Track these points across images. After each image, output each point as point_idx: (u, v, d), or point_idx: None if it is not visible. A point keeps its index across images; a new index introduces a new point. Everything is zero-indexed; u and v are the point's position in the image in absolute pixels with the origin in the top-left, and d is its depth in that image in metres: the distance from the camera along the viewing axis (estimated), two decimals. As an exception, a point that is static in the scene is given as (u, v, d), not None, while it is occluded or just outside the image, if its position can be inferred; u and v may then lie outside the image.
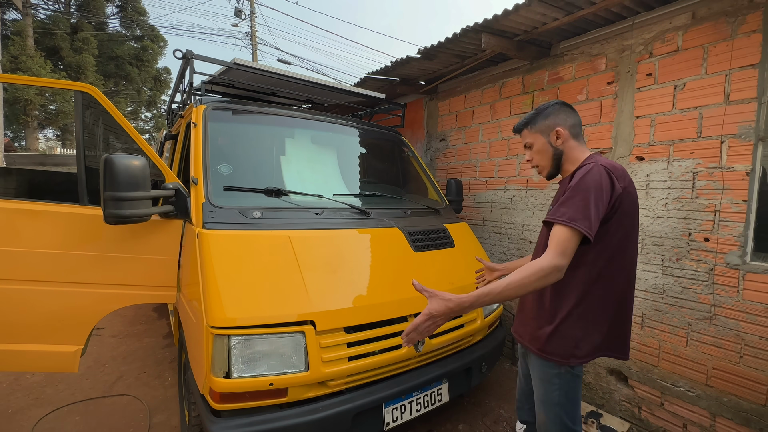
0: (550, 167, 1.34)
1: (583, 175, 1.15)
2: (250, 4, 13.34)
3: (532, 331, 1.33)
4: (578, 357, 1.23)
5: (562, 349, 1.24)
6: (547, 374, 1.28)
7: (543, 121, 1.33)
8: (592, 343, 1.24)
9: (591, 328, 1.24)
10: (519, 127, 1.40)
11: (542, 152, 1.33)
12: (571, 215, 1.09)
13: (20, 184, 2.64)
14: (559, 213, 1.12)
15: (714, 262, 1.91)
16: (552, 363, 1.26)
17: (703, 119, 1.94)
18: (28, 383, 2.57)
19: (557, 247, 1.07)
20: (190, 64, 2.17)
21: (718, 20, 1.88)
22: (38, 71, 11.94)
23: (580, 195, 1.11)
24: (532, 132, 1.35)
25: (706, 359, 1.94)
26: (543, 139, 1.33)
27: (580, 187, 1.12)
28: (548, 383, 1.28)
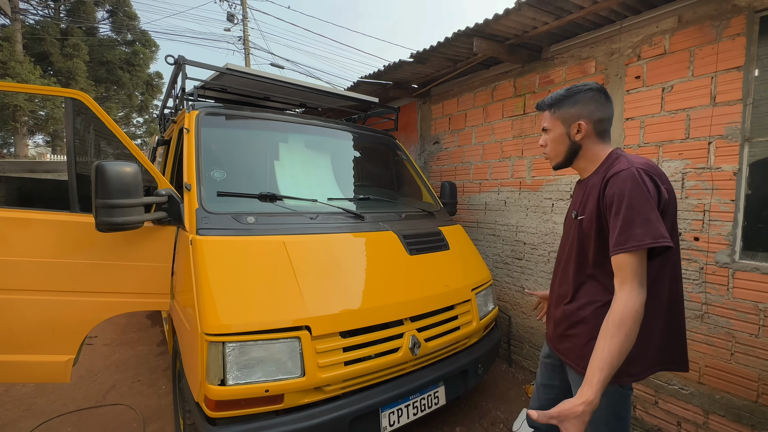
0: (561, 159, 1.22)
1: (632, 182, 1.01)
2: (243, 8, 13.33)
3: (575, 348, 1.17)
4: (632, 375, 1.09)
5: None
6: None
7: (568, 108, 1.18)
8: (648, 358, 1.11)
9: (645, 341, 1.08)
10: (542, 106, 1.25)
11: (558, 142, 1.21)
12: (639, 235, 0.97)
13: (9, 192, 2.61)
14: (627, 240, 0.98)
15: (704, 261, 1.94)
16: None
17: (690, 121, 1.98)
18: (18, 394, 2.52)
19: (631, 279, 0.97)
20: (183, 69, 2.16)
21: (704, 24, 1.92)
22: (27, 77, 11.80)
23: (636, 207, 0.99)
24: (553, 116, 1.21)
25: (699, 357, 1.97)
26: (562, 128, 1.19)
27: (637, 199, 0.99)
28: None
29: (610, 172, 1.08)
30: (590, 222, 1.12)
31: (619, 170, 1.05)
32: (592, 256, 1.13)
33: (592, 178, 1.17)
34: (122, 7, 16.10)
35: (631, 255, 0.98)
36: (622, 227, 0.99)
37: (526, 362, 2.96)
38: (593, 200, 1.11)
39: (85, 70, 14.22)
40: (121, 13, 16.12)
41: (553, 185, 2.69)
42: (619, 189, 1.02)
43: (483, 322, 2.13)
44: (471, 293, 2.09)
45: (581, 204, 1.18)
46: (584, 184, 1.21)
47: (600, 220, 1.09)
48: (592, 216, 1.11)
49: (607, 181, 1.07)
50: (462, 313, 2.03)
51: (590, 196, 1.13)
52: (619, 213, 1.01)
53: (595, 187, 1.12)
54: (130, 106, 17.26)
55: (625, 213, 1.00)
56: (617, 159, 1.12)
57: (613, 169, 1.08)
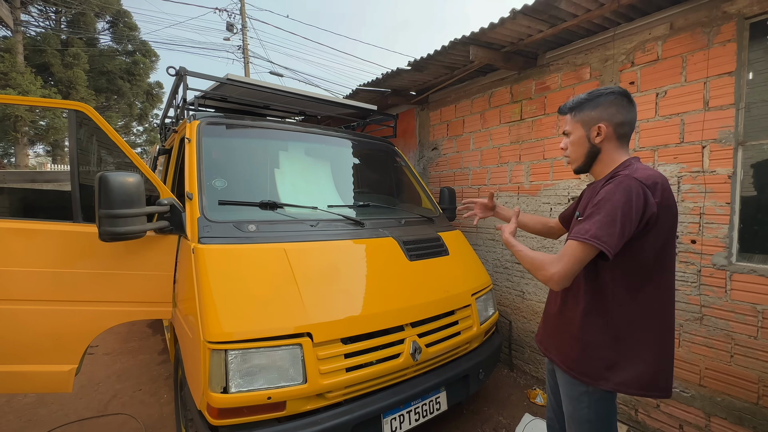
0: (581, 163, 1.23)
1: (613, 190, 1.05)
2: (242, 18, 13.48)
3: (559, 345, 1.25)
4: (613, 382, 1.12)
5: (592, 369, 1.15)
6: (576, 392, 1.20)
7: (589, 111, 1.19)
8: (634, 372, 1.11)
9: (629, 352, 1.11)
10: (564, 110, 1.27)
11: (578, 145, 1.22)
12: (594, 233, 1.03)
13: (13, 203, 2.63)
14: (582, 230, 1.05)
15: (701, 264, 1.95)
16: (578, 382, 1.18)
17: (684, 125, 2.01)
18: (20, 404, 2.52)
19: (568, 262, 1.06)
20: (184, 80, 2.19)
21: (695, 31, 1.96)
22: (28, 87, 11.89)
23: (604, 211, 1.04)
24: (574, 119, 1.22)
25: (699, 359, 1.97)
26: (582, 131, 1.20)
27: (608, 204, 1.04)
28: (576, 401, 1.20)
29: (612, 176, 1.13)
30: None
31: (617, 175, 1.11)
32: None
33: (601, 182, 1.19)
34: (123, 18, 16.27)
35: (576, 242, 1.07)
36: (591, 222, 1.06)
37: (528, 367, 2.96)
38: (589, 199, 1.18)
39: (86, 80, 14.34)
40: (122, 24, 16.29)
41: (551, 190, 2.71)
42: (606, 192, 1.07)
43: (483, 327, 2.13)
44: (471, 298, 2.10)
45: (586, 205, 1.20)
46: (593, 188, 1.23)
47: None
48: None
49: (604, 183, 1.12)
50: (462, 318, 2.04)
51: (590, 196, 1.19)
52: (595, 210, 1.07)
53: (595, 188, 1.19)
54: (130, 115, 17.37)
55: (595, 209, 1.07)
56: (627, 166, 1.13)
57: (617, 174, 1.12)
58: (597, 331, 1.15)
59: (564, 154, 1.28)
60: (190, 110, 2.27)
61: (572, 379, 1.20)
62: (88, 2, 14.78)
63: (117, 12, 16.12)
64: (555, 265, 1.08)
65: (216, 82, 2.37)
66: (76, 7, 14.66)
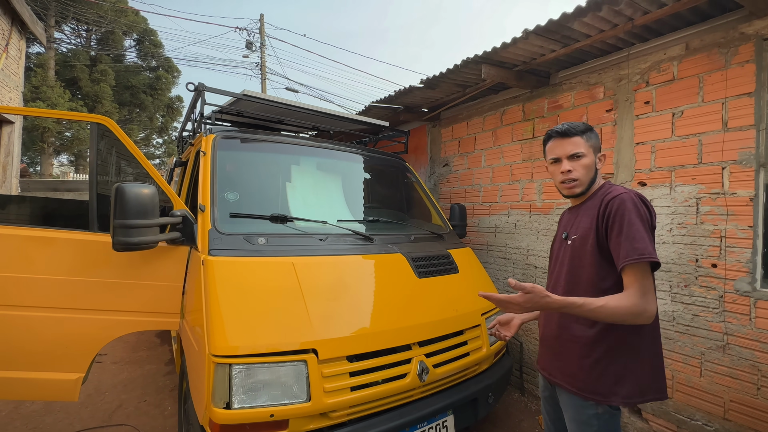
0: (587, 186, 1.26)
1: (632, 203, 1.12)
2: (261, 37, 13.97)
3: (564, 367, 1.23)
4: (621, 396, 1.13)
5: (603, 387, 1.14)
6: (585, 415, 1.18)
7: (595, 139, 1.27)
8: (636, 381, 1.14)
9: (632, 363, 1.15)
10: (574, 132, 1.25)
11: (588, 168, 1.24)
12: (642, 249, 1.06)
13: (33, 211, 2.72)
14: (639, 251, 1.06)
15: (723, 289, 1.87)
16: (590, 402, 1.16)
17: (702, 146, 1.96)
18: (27, 411, 2.53)
19: (649, 289, 1.07)
20: (202, 95, 2.26)
21: (711, 51, 1.94)
22: (57, 100, 12.46)
23: (642, 225, 1.10)
24: (588, 144, 1.25)
25: (722, 391, 1.87)
26: (593, 156, 1.25)
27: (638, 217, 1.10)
28: (586, 425, 1.18)
29: (608, 196, 1.18)
30: (584, 240, 1.20)
31: (618, 193, 1.17)
32: (587, 274, 1.19)
33: (586, 203, 1.27)
34: (149, 36, 17.05)
35: (638, 266, 1.07)
36: (626, 242, 1.09)
37: (539, 391, 2.85)
38: (588, 220, 1.21)
39: (111, 94, 14.97)
40: (147, 42, 17.06)
41: (563, 209, 2.66)
42: (619, 209, 1.12)
43: (493, 349, 2.07)
44: (481, 318, 2.05)
45: (572, 226, 1.28)
46: (576, 210, 1.31)
47: (597, 237, 1.17)
48: (587, 233, 1.20)
49: (606, 203, 1.17)
50: (472, 339, 1.99)
51: (584, 218, 1.24)
52: (622, 230, 1.10)
53: (591, 209, 1.22)
54: (151, 127, 17.98)
55: (627, 230, 1.10)
56: (612, 187, 1.24)
57: (611, 193, 1.19)
58: (607, 347, 1.16)
59: (570, 177, 1.25)
60: (207, 124, 2.33)
61: (582, 401, 1.18)
62: (117, 21, 15.57)
63: (143, 30, 16.92)
64: (650, 301, 1.07)
65: (233, 97, 2.43)
66: (106, 25, 15.45)
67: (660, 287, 2.12)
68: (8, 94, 5.38)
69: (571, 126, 1.26)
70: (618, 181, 2.34)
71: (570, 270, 1.24)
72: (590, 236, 1.18)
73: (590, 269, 1.18)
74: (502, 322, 1.45)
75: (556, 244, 1.38)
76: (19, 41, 5.66)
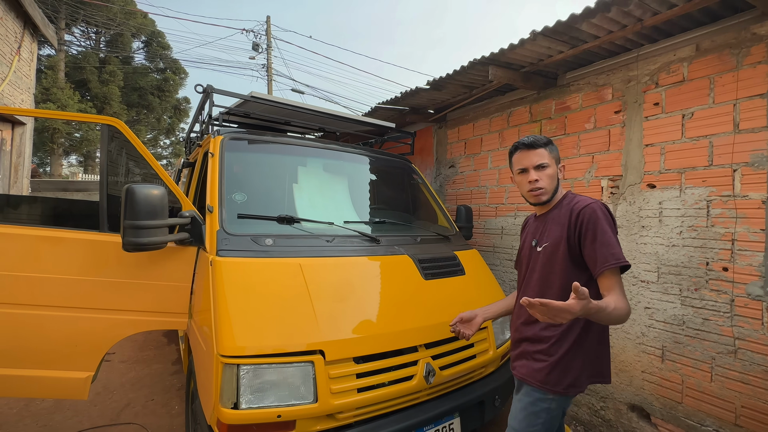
0: (551, 194, 1.37)
1: (602, 212, 1.25)
2: (267, 38, 14.05)
3: (532, 364, 1.32)
4: (576, 386, 1.27)
5: (565, 379, 1.27)
6: (537, 406, 1.29)
7: (557, 152, 1.40)
8: (589, 371, 1.30)
9: (588, 356, 1.29)
10: (540, 144, 1.35)
11: (552, 178, 1.36)
12: (617, 253, 1.19)
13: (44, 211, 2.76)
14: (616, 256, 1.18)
15: (734, 293, 1.85)
16: (549, 396, 1.27)
17: (713, 147, 1.94)
18: (37, 409, 2.56)
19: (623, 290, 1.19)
20: (210, 97, 2.28)
21: (722, 52, 1.92)
22: (67, 102, 12.64)
23: (612, 233, 1.23)
24: (551, 155, 1.36)
25: (734, 396, 1.84)
26: (555, 167, 1.38)
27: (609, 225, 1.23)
28: (533, 415, 1.29)
29: (577, 206, 1.29)
30: (555, 247, 1.29)
31: (588, 203, 1.28)
32: (558, 280, 1.28)
33: (552, 212, 1.38)
34: (157, 38, 17.24)
35: (616, 270, 1.19)
36: (603, 248, 1.19)
37: (546, 395, 2.83)
38: (558, 228, 1.30)
39: (119, 96, 15.15)
40: (156, 44, 17.25)
41: (571, 211, 2.65)
42: (591, 218, 1.23)
43: (500, 351, 2.06)
44: (487, 320, 2.04)
45: (541, 234, 1.37)
46: (542, 219, 1.40)
47: (569, 245, 1.27)
48: (558, 241, 1.29)
49: (578, 212, 1.26)
50: (478, 341, 1.98)
51: (553, 226, 1.33)
52: (596, 238, 1.21)
53: (559, 218, 1.32)
54: (158, 128, 18.17)
55: (601, 237, 1.21)
56: (576, 196, 1.35)
57: (579, 203, 1.30)
58: (569, 344, 1.27)
59: (537, 186, 1.35)
60: (215, 126, 2.35)
61: (542, 394, 1.28)
62: (126, 23, 15.76)
63: (152, 33, 17.12)
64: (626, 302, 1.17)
65: (240, 99, 2.45)
66: (115, 28, 15.66)
67: (669, 290, 2.09)
68: (20, 96, 5.47)
69: (536, 139, 1.37)
70: (626, 183, 2.32)
71: (541, 276, 1.33)
72: (562, 244, 1.27)
73: (562, 275, 1.27)
74: (464, 319, 1.55)
75: (525, 251, 1.46)
76: (30, 44, 5.75)
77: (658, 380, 2.13)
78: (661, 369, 2.13)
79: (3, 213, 2.43)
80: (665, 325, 2.11)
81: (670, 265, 2.10)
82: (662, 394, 2.12)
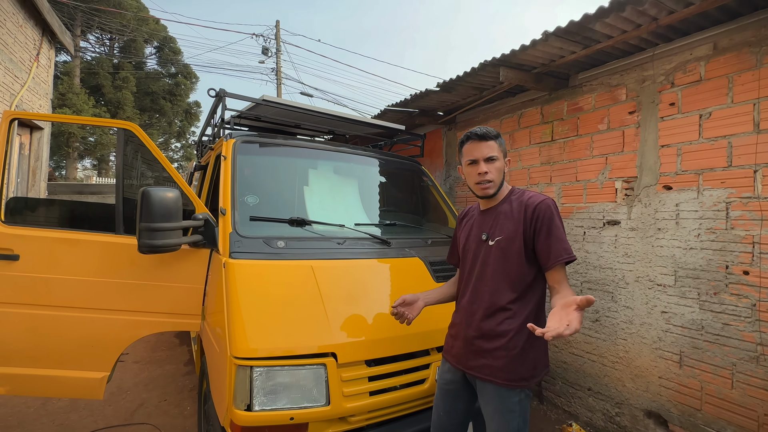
0: (498, 188, 1.38)
1: (555, 209, 1.30)
2: (276, 42, 14.20)
3: (492, 363, 1.30)
4: (536, 377, 1.32)
5: (526, 372, 1.29)
6: (510, 403, 1.28)
7: (504, 146, 1.41)
8: (542, 362, 1.34)
9: (538, 347, 1.33)
10: (489, 136, 1.35)
11: (500, 171, 1.37)
12: (568, 248, 1.27)
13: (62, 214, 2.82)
14: (567, 251, 1.25)
15: (757, 297, 1.80)
16: (516, 390, 1.28)
17: (732, 148, 1.89)
18: (54, 408, 2.61)
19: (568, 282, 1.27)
20: (223, 101, 2.31)
21: (742, 51, 1.88)
22: (82, 107, 12.95)
23: (562, 229, 1.30)
24: (500, 148, 1.37)
25: (756, 404, 1.79)
26: (503, 160, 1.39)
27: (554, 220, 1.29)
28: (510, 413, 1.28)
29: (530, 202, 1.32)
30: (511, 241, 1.31)
31: (542, 199, 1.31)
32: (515, 272, 1.30)
33: (501, 206, 1.39)
34: (168, 44, 17.56)
35: (564, 265, 1.26)
36: (556, 243, 1.25)
37: (559, 400, 2.79)
38: (512, 223, 1.32)
39: (132, 100, 15.47)
40: (167, 49, 17.57)
41: (584, 213, 2.61)
42: (546, 214, 1.28)
43: (512, 355, 2.03)
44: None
45: (492, 228, 1.38)
46: (491, 212, 1.41)
47: (524, 239, 1.29)
48: (513, 235, 1.31)
49: (533, 208, 1.30)
50: (490, 345, 1.95)
51: (505, 221, 1.35)
52: (550, 233, 1.26)
53: (512, 213, 1.34)
54: (170, 132, 18.48)
55: (555, 232, 1.27)
56: (524, 191, 1.39)
57: (532, 198, 1.33)
58: (526, 337, 1.28)
59: (486, 178, 1.35)
60: (227, 128, 2.38)
61: (508, 391, 1.28)
62: (139, 30, 16.10)
63: (164, 38, 17.45)
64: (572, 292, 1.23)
65: (252, 102, 2.47)
66: (128, 34, 15.99)
67: (687, 294, 2.05)
68: (38, 101, 5.61)
69: (487, 130, 1.36)
70: (641, 184, 2.28)
71: (498, 268, 1.34)
72: (517, 239, 1.30)
73: (518, 267, 1.30)
74: (407, 302, 1.51)
75: (472, 244, 1.45)
76: (48, 51, 5.91)
77: (676, 386, 2.08)
78: (678, 375, 2.08)
79: (22, 216, 2.49)
80: (683, 329, 2.07)
81: (687, 269, 2.05)
82: (680, 400, 2.07)
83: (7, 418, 2.46)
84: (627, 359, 2.33)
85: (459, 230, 1.59)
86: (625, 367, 2.34)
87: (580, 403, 2.61)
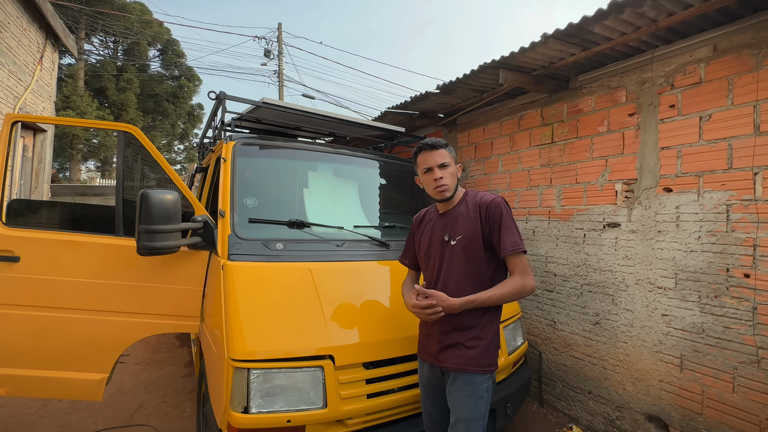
0: (453, 191, 1.48)
1: (504, 206, 1.43)
2: (279, 45, 14.27)
3: (464, 354, 1.40)
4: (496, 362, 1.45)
5: (493, 357, 1.43)
6: (480, 389, 1.38)
7: (455, 154, 1.53)
8: (496, 345, 1.47)
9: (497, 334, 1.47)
10: (441, 145, 1.49)
11: (454, 176, 1.49)
12: (520, 242, 1.39)
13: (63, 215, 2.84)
14: (517, 243, 1.38)
15: (756, 301, 1.78)
16: (485, 376, 1.40)
17: (733, 150, 1.89)
18: (54, 409, 2.62)
19: (528, 270, 1.40)
20: (223, 104, 2.32)
21: (742, 52, 1.87)
22: (86, 109, 13.03)
23: (513, 223, 1.42)
24: (450, 155, 1.49)
25: (758, 408, 1.77)
26: (455, 166, 1.51)
27: (508, 217, 1.41)
28: (479, 399, 1.38)
29: (483, 201, 1.44)
30: (471, 240, 1.42)
31: (493, 198, 1.44)
32: (478, 267, 1.42)
33: (458, 208, 1.50)
34: (172, 47, 17.67)
35: (518, 252, 1.38)
36: (511, 235, 1.39)
37: (560, 403, 2.77)
38: (470, 223, 1.44)
39: (136, 103, 15.55)
40: (171, 52, 17.68)
41: (584, 215, 2.60)
42: (497, 210, 1.41)
43: (511, 358, 2.03)
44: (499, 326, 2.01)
45: (452, 229, 1.48)
46: (450, 215, 1.51)
47: (483, 236, 1.41)
48: (473, 234, 1.42)
49: (486, 206, 1.42)
50: (489, 348, 1.95)
51: (464, 221, 1.45)
52: (501, 228, 1.40)
53: (468, 213, 1.46)
54: (173, 134, 18.56)
55: (506, 227, 1.40)
56: (477, 192, 1.51)
57: (485, 198, 1.45)
58: (490, 327, 1.43)
59: (442, 183, 1.45)
60: (227, 131, 2.39)
61: (480, 377, 1.38)
62: (142, 32, 16.21)
63: (167, 41, 17.56)
64: (529, 279, 1.39)
65: (252, 105, 2.49)
66: (132, 36, 16.11)
67: (688, 297, 2.03)
68: (42, 104, 5.65)
69: (437, 140, 1.49)
70: (641, 186, 2.27)
71: (462, 266, 1.44)
72: (477, 236, 1.42)
73: (481, 263, 1.42)
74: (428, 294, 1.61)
75: (435, 246, 1.53)
76: (52, 53, 5.95)
77: (677, 390, 2.07)
78: (679, 378, 2.06)
79: (23, 217, 2.50)
80: (684, 333, 2.05)
81: (688, 271, 2.04)
82: (681, 404, 2.05)
83: (7, 419, 2.47)
84: (627, 362, 2.32)
85: (417, 233, 1.66)
86: (626, 370, 2.33)
87: (581, 406, 2.59)
